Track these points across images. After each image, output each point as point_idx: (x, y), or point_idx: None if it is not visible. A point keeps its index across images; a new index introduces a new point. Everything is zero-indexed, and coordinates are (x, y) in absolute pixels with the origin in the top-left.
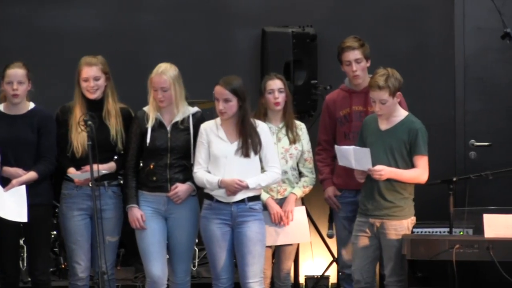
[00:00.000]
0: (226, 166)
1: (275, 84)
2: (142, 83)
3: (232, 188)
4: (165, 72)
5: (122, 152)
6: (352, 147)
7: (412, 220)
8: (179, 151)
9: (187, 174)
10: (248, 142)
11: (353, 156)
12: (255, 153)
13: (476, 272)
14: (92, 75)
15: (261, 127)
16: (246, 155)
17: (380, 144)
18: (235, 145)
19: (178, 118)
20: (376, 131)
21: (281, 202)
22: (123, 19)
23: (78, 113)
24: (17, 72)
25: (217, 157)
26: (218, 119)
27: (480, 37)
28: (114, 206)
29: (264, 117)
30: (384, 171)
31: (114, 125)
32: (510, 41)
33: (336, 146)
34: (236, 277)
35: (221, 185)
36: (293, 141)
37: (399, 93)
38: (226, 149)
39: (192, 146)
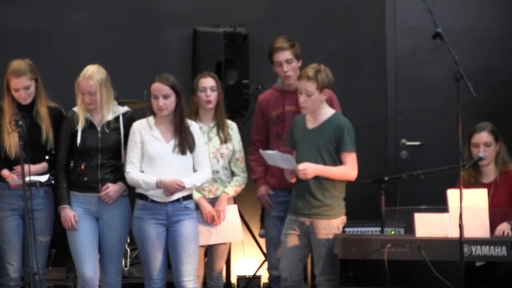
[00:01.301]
0: (162, 166)
1: (207, 82)
2: (72, 82)
3: (172, 189)
4: (92, 76)
5: (53, 152)
6: (275, 152)
7: (342, 219)
8: (109, 151)
9: (118, 174)
10: (184, 140)
11: (278, 159)
12: (191, 151)
13: (407, 271)
14: (22, 86)
15: (194, 126)
16: (183, 152)
17: (308, 143)
18: (171, 144)
19: (108, 118)
20: (303, 130)
21: (213, 201)
22: (54, 19)
23: (8, 114)
24: None
25: (153, 157)
26: (150, 118)
27: (411, 37)
28: (45, 206)
29: (195, 115)
30: (309, 170)
31: (45, 125)
32: (441, 40)
33: (260, 151)
34: (169, 276)
35: (160, 185)
36: (224, 140)
37: (327, 90)
38: (162, 149)
39: (122, 146)
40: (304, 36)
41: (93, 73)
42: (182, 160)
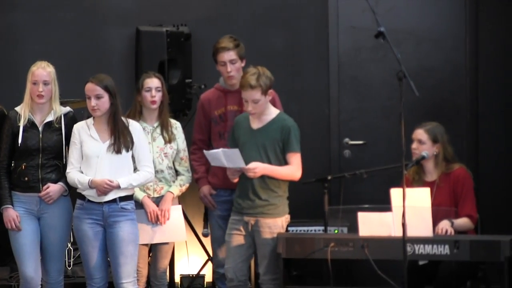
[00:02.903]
0: (97, 165)
1: (153, 82)
2: (14, 82)
3: (101, 188)
4: (47, 67)
5: None
6: (220, 149)
7: (286, 218)
8: (50, 151)
9: (59, 174)
10: (120, 139)
11: (223, 157)
12: (127, 150)
13: (351, 270)
14: None
15: (134, 126)
16: (118, 151)
17: (253, 143)
18: (107, 144)
19: (50, 118)
20: (248, 130)
21: (157, 200)
22: None
23: None
24: None
25: (89, 157)
26: (89, 120)
27: (354, 36)
28: None
29: (139, 115)
30: (258, 169)
31: None
32: (383, 40)
33: (204, 151)
34: (111, 276)
35: (91, 185)
36: (168, 140)
37: (271, 90)
38: (98, 149)
39: (64, 146)
40: (247, 36)
41: (48, 64)
42: (117, 160)
